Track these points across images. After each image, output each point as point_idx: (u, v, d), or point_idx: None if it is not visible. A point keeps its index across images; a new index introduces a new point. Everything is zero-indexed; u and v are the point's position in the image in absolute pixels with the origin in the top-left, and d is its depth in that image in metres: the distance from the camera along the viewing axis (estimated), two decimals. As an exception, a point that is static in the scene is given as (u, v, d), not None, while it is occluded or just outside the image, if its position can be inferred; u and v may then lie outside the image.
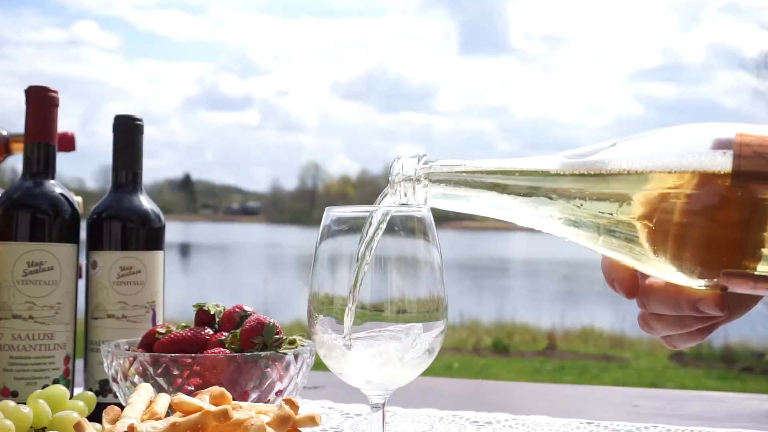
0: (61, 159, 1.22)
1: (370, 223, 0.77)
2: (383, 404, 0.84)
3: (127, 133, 1.24)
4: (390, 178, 0.75)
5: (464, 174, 0.71)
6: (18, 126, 1.31)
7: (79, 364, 1.24)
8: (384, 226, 0.77)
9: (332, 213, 0.85)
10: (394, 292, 0.81)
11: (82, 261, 1.23)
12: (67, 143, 1.73)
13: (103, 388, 1.19)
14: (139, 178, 1.25)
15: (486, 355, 8.88)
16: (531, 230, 0.73)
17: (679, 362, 8.67)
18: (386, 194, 0.76)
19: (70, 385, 1.17)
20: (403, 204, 0.75)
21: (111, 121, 1.25)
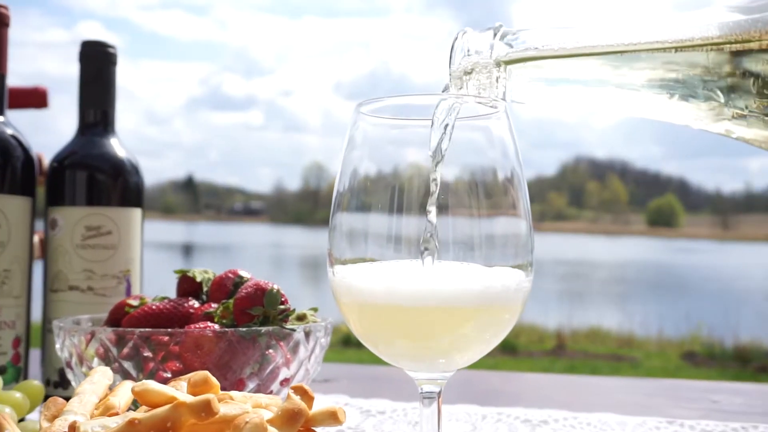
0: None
1: (432, 123, 0.52)
2: (439, 393, 0.59)
3: (96, 62, 1.00)
4: (451, 66, 0.51)
5: (576, 50, 0.47)
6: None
7: (37, 350, 1.01)
8: (451, 128, 0.52)
9: (365, 118, 0.58)
10: (457, 230, 0.57)
11: (40, 234, 0.99)
12: (39, 98, 1.53)
13: (63, 380, 0.95)
14: (110, 118, 1.01)
15: (494, 354, 8.67)
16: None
17: (692, 362, 8.52)
18: (447, 88, 0.52)
19: (20, 374, 0.93)
20: (470, 96, 0.52)
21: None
